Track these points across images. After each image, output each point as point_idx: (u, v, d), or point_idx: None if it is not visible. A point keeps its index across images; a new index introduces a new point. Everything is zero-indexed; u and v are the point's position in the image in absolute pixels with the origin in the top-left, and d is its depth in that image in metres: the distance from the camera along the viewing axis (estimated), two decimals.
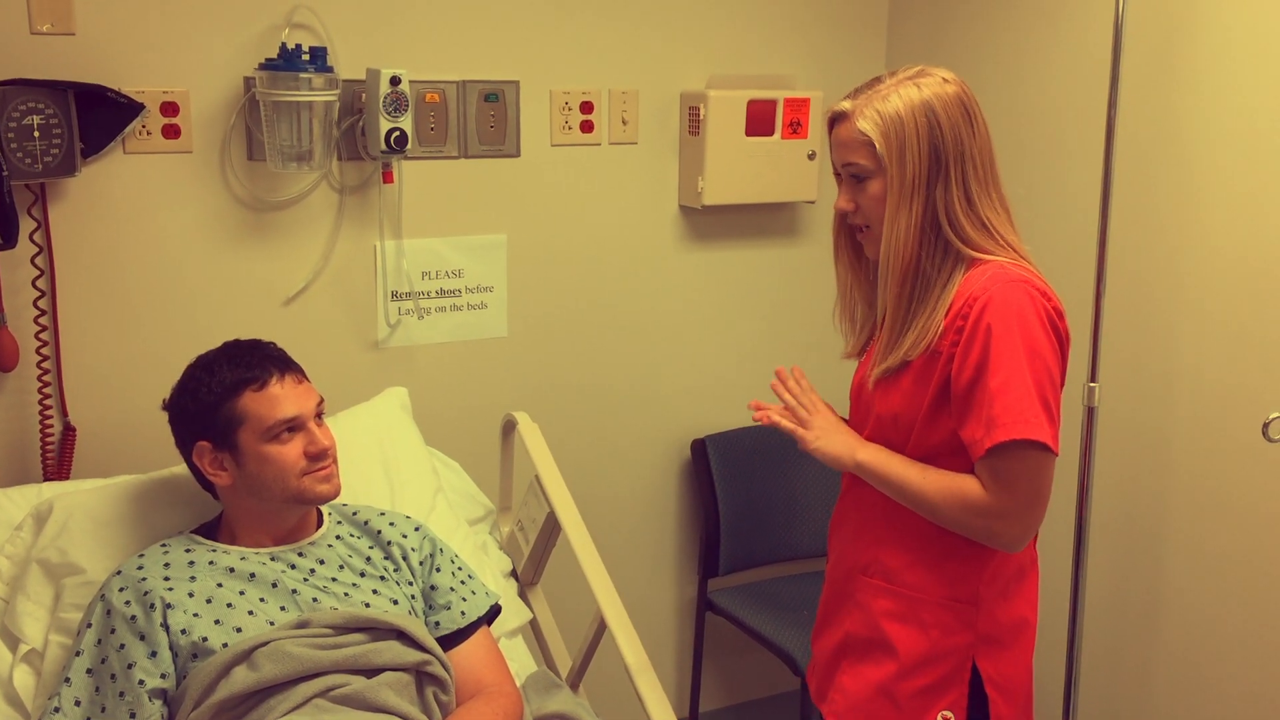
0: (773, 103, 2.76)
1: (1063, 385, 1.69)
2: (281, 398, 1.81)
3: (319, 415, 1.87)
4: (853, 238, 1.80)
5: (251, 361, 1.83)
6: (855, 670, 1.81)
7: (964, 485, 1.66)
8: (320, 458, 1.82)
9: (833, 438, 1.77)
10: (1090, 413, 2.33)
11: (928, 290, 1.68)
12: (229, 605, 1.74)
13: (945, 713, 1.74)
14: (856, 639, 1.81)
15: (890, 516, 1.76)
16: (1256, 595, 2.30)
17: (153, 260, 2.31)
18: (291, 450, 1.80)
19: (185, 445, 1.86)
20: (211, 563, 1.80)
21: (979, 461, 1.64)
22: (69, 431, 2.26)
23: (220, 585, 1.77)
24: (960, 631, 1.73)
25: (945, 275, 1.68)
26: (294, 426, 1.81)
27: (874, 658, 1.78)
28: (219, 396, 1.81)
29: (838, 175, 1.76)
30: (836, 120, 1.72)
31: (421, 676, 1.78)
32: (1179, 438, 2.40)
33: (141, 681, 1.66)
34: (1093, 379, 2.32)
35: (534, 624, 2.32)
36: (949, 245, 1.67)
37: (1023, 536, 1.67)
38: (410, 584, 1.90)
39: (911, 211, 1.66)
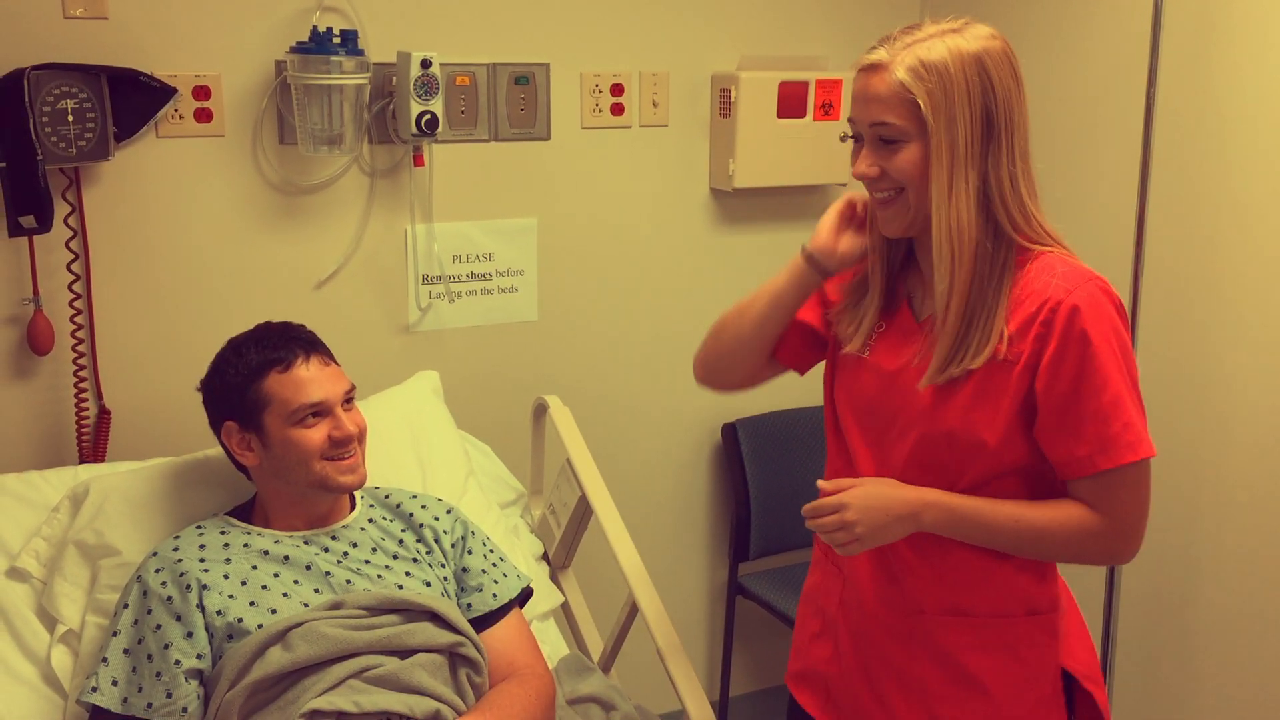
0: (804, 84, 2.74)
1: None
2: (307, 381, 1.81)
3: (348, 401, 1.86)
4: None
5: (278, 343, 1.83)
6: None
7: (1072, 513, 1.48)
8: (344, 444, 1.81)
9: (878, 531, 1.48)
10: None
11: (984, 283, 1.47)
12: (264, 587, 1.75)
13: None
14: (936, 685, 1.59)
15: (940, 554, 1.56)
16: None
17: (185, 243, 2.32)
18: (316, 435, 1.80)
19: (216, 425, 1.87)
20: (246, 545, 1.81)
21: (1085, 480, 1.47)
22: (104, 414, 2.27)
23: (255, 567, 1.78)
24: (1048, 643, 1.58)
25: (1000, 265, 1.47)
26: (319, 411, 1.81)
27: (961, 700, 1.58)
28: (245, 378, 1.81)
29: (856, 137, 1.52)
30: (868, 72, 1.47)
31: (454, 658, 1.78)
32: (1213, 430, 2.37)
33: (178, 662, 1.67)
34: None
35: (565, 607, 2.33)
36: (1000, 228, 1.47)
37: (1138, 547, 1.51)
38: (443, 566, 1.90)
39: (968, 184, 1.44)
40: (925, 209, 1.48)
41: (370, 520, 1.91)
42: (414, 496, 1.99)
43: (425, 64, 2.32)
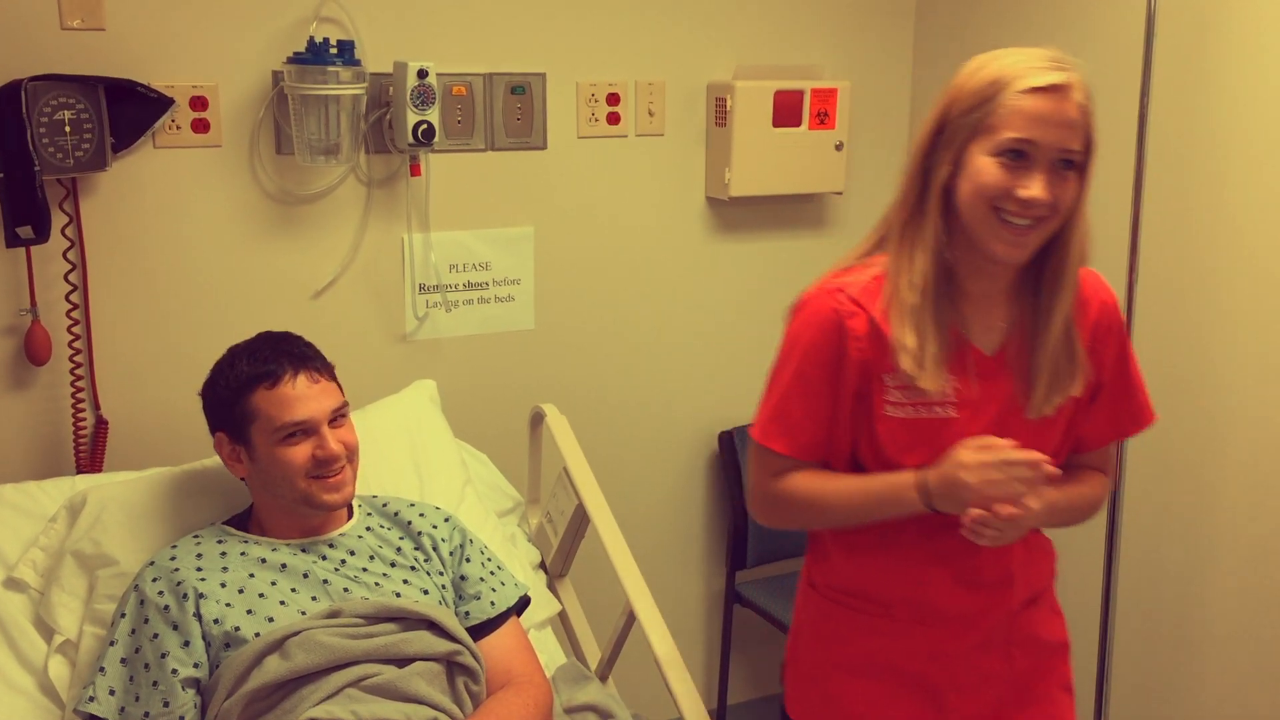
0: (800, 93, 2.75)
1: None
2: (293, 399, 1.79)
3: (338, 418, 1.85)
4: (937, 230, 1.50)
5: (269, 357, 1.82)
6: (1047, 696, 1.67)
7: (1095, 477, 1.66)
8: (328, 463, 1.80)
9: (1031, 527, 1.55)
10: None
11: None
12: (261, 595, 1.75)
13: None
14: (1028, 672, 1.65)
15: (1025, 551, 1.62)
16: None
17: (183, 254, 2.32)
18: (300, 453, 1.79)
19: (212, 433, 1.88)
20: (243, 554, 1.81)
21: (1106, 448, 1.67)
22: (101, 424, 2.28)
23: (252, 576, 1.78)
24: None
25: None
26: (304, 430, 1.79)
27: (1048, 670, 1.67)
28: (234, 391, 1.81)
29: (1020, 154, 1.43)
30: (1058, 94, 1.42)
31: (452, 666, 1.78)
32: (1210, 432, 2.38)
33: (175, 671, 1.67)
34: None
35: (563, 616, 2.33)
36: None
37: None
38: (440, 574, 1.90)
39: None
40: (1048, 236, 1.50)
41: (368, 528, 1.92)
42: (412, 505, 1.99)
43: (422, 74, 2.33)
